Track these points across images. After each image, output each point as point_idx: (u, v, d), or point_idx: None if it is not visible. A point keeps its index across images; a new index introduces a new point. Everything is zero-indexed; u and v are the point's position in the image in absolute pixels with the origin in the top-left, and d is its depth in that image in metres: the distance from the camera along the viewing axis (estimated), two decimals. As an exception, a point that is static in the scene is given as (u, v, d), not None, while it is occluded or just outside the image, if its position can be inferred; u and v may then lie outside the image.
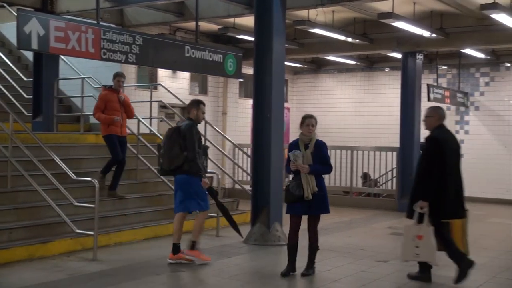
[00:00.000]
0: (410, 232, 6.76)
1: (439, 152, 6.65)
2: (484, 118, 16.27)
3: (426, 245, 6.67)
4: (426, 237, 6.65)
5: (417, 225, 6.70)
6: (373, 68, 17.88)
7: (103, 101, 9.69)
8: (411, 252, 6.78)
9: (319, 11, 12.22)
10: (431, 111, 7.06)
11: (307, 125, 7.07)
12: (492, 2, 9.90)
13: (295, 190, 6.84)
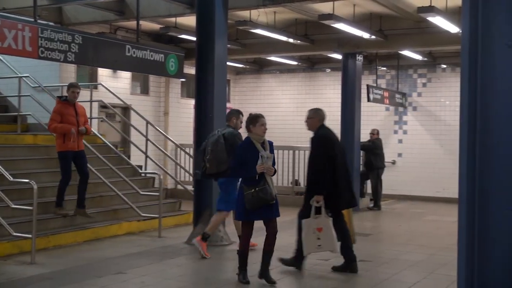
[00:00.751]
0: (310, 226, 7.14)
1: (328, 148, 7.25)
2: (422, 118, 16.68)
3: (326, 236, 7.09)
4: (325, 228, 7.09)
5: (315, 218, 7.10)
6: (314, 69, 18.08)
7: (58, 114, 9.15)
8: (313, 244, 7.16)
9: (261, 12, 12.28)
10: (312, 113, 7.79)
11: (262, 124, 6.71)
12: (428, 5, 10.16)
13: (268, 196, 6.49)
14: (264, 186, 6.49)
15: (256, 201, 6.49)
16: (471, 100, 2.92)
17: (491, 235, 2.91)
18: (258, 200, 6.49)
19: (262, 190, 6.47)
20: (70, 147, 9.15)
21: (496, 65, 2.90)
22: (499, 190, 2.89)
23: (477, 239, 2.94)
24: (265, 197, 6.48)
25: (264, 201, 6.50)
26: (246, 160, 6.57)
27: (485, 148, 2.91)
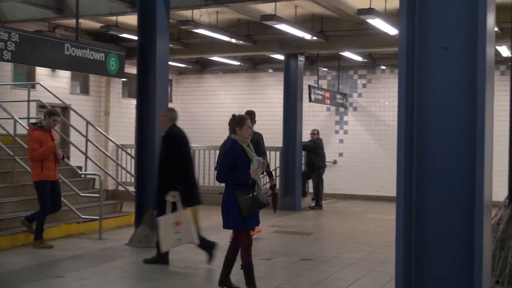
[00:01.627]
0: (167, 221, 7.30)
1: (182, 147, 7.56)
2: (362, 119, 16.96)
3: (185, 229, 7.29)
4: (184, 222, 7.29)
5: (172, 213, 7.28)
6: (256, 69, 18.14)
7: (37, 142, 8.78)
8: (172, 239, 7.34)
9: (203, 12, 12.24)
10: (164, 112, 7.98)
11: (248, 127, 6.35)
12: (368, 7, 10.33)
13: (264, 200, 6.21)
14: (259, 191, 6.19)
15: (254, 207, 6.15)
16: (408, 101, 2.99)
17: (427, 232, 2.98)
18: (257, 206, 6.17)
19: (260, 194, 6.18)
20: (47, 177, 8.85)
21: (432, 66, 2.98)
22: (434, 189, 2.96)
23: (414, 236, 3.01)
24: (263, 202, 6.20)
25: (261, 206, 6.21)
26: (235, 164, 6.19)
27: (421, 147, 2.98)
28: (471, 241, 2.88)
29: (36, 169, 8.85)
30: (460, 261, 2.92)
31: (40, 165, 8.80)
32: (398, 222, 3.00)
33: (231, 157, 6.18)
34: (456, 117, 2.92)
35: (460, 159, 2.91)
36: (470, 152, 2.88)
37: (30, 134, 9.03)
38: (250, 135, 6.34)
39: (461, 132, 2.91)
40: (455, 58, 2.92)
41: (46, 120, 9.00)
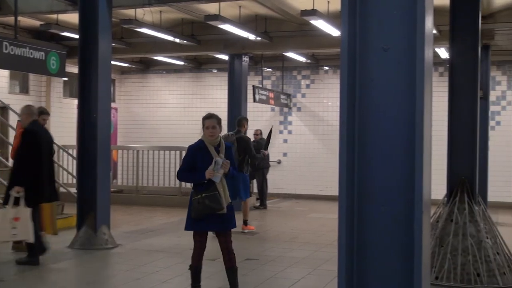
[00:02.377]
0: (7, 215, 7.27)
1: (34, 143, 7.55)
2: (306, 119, 17.13)
3: (23, 226, 7.28)
4: (23, 218, 7.27)
5: (13, 208, 7.27)
6: (201, 69, 18.09)
7: None
8: (8, 233, 7.30)
9: (146, 11, 12.12)
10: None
11: (207, 127, 5.94)
12: (311, 9, 10.43)
13: (216, 204, 5.74)
14: (213, 193, 5.76)
15: (201, 209, 5.76)
16: (350, 101, 3.03)
17: (369, 230, 3.03)
18: (204, 208, 5.75)
19: (209, 197, 5.74)
20: None
21: (373, 68, 3.03)
22: (376, 188, 3.01)
23: (356, 235, 3.05)
24: (211, 205, 5.74)
25: (210, 209, 5.74)
26: (196, 163, 5.89)
27: (362, 147, 3.03)
28: (411, 238, 2.95)
29: None
30: (400, 258, 2.98)
31: None
32: (340, 221, 3.04)
33: (189, 156, 5.98)
34: (396, 117, 2.98)
35: (400, 158, 2.97)
36: (410, 152, 2.95)
37: (18, 132, 8.59)
38: (212, 136, 5.91)
39: (401, 131, 2.97)
40: (395, 60, 2.98)
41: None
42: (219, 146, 5.97)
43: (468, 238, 7.07)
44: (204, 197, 5.74)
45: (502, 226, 10.98)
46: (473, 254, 6.98)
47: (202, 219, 5.79)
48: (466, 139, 7.54)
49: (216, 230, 5.96)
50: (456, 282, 6.91)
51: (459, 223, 7.18)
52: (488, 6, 11.62)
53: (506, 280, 6.96)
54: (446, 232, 7.22)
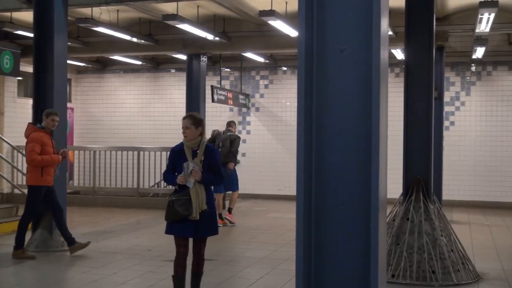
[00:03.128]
0: None
1: None
2: (264, 119, 17.17)
3: None
4: None
5: None
6: (159, 69, 17.97)
7: (39, 144, 8.14)
8: None
9: (103, 10, 11.98)
10: None
11: (182, 127, 5.66)
12: (269, 9, 10.47)
13: (183, 209, 5.49)
14: (182, 197, 5.51)
15: (171, 214, 5.56)
16: (307, 101, 3.05)
17: (326, 229, 3.06)
18: (172, 212, 5.55)
19: (179, 201, 5.51)
20: (46, 182, 8.25)
21: (330, 68, 3.06)
22: (332, 188, 3.04)
23: (314, 234, 3.08)
24: (179, 210, 5.50)
25: (178, 215, 5.51)
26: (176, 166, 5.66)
27: (320, 147, 3.06)
28: (367, 237, 2.98)
29: (36, 173, 8.22)
30: (357, 256, 3.01)
31: (40, 169, 8.21)
32: (298, 221, 3.06)
33: (169, 158, 5.80)
34: (352, 117, 3.01)
35: (356, 158, 3.01)
36: (366, 151, 2.98)
37: (30, 135, 8.31)
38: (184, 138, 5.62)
39: (357, 132, 3.00)
40: (352, 61, 3.01)
41: (44, 120, 8.34)
42: (197, 149, 5.62)
43: (423, 236, 7.20)
44: (174, 201, 5.54)
45: (457, 224, 11.23)
46: (429, 252, 7.11)
47: (177, 222, 5.56)
48: (421, 139, 7.67)
49: (189, 236, 5.66)
50: (412, 279, 7.03)
51: (415, 221, 7.30)
52: (442, 9, 11.86)
53: (460, 277, 7.11)
54: (402, 230, 7.34)
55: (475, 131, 15.55)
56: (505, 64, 15.39)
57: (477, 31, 10.86)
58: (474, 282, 7.14)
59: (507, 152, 15.27)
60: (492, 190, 15.28)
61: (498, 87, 15.42)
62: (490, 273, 7.59)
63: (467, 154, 15.57)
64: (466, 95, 15.64)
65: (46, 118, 8.33)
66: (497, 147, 15.35)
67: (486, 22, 10.20)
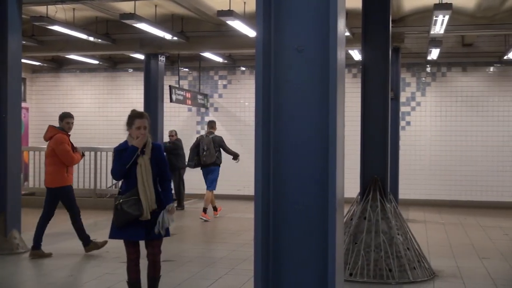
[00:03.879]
0: None
1: None
2: (223, 119, 17.14)
3: None
4: None
5: None
6: (116, 69, 17.77)
7: (68, 145, 8.48)
8: None
9: (59, 8, 11.77)
10: None
11: (138, 127, 5.43)
12: (228, 9, 10.46)
13: (133, 209, 5.24)
14: (131, 198, 5.26)
15: (119, 216, 5.28)
16: (265, 101, 3.06)
17: (284, 229, 3.07)
18: (122, 215, 5.26)
19: (127, 202, 5.26)
20: (71, 180, 8.46)
21: (288, 68, 3.07)
22: (291, 187, 3.06)
23: (272, 234, 3.09)
24: (129, 211, 5.24)
25: (129, 216, 5.24)
26: None
27: (278, 147, 3.07)
28: (325, 236, 3.01)
29: (61, 174, 8.34)
30: (314, 255, 3.03)
31: (65, 169, 8.35)
32: (256, 221, 3.06)
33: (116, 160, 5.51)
34: (310, 117, 3.03)
35: (314, 157, 3.03)
36: (323, 151, 3.00)
37: (57, 137, 8.40)
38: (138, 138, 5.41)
39: (315, 131, 3.02)
40: (309, 60, 3.03)
41: (60, 123, 8.57)
42: (145, 147, 5.45)
43: (380, 235, 7.29)
44: (122, 202, 5.26)
45: (413, 223, 11.41)
46: (385, 250, 7.20)
47: (126, 226, 5.29)
48: (378, 138, 7.77)
49: (141, 239, 5.42)
50: (370, 278, 7.11)
51: (372, 220, 7.39)
52: (398, 10, 12.04)
53: (416, 274, 7.22)
54: (360, 229, 7.42)
55: (430, 131, 15.82)
56: (459, 65, 15.70)
57: (432, 32, 11.05)
58: (429, 279, 7.27)
59: (461, 152, 15.59)
60: (447, 189, 15.58)
61: (452, 88, 15.73)
62: (445, 271, 7.74)
63: (422, 154, 15.84)
64: (422, 96, 15.91)
65: (61, 121, 8.59)
66: (452, 146, 15.66)
67: (441, 24, 10.39)
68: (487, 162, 15.43)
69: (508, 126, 15.38)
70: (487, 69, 15.61)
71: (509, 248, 9.50)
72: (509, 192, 15.27)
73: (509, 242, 10.09)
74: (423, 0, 11.36)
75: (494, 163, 15.40)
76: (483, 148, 15.48)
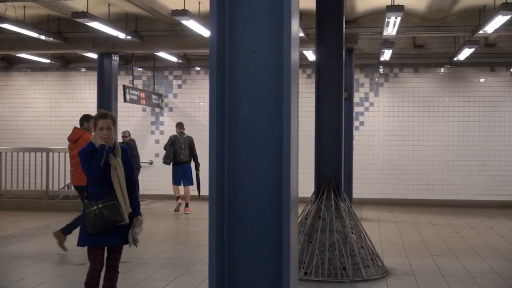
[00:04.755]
0: None
1: None
2: (178, 119, 16.99)
3: None
4: None
5: None
6: (68, 68, 17.48)
7: None
8: None
9: (8, 6, 11.53)
10: None
11: (101, 128, 5.15)
12: (182, 9, 10.41)
13: (115, 214, 5.05)
14: (112, 202, 5.04)
15: (100, 222, 5.01)
16: (220, 102, 3.05)
17: (239, 229, 3.07)
18: (104, 220, 5.01)
19: (108, 207, 5.03)
20: None
21: (242, 69, 3.07)
22: (245, 187, 3.06)
23: (227, 234, 3.08)
24: (111, 217, 5.02)
25: (111, 221, 5.03)
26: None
27: (232, 147, 3.07)
28: (279, 236, 3.02)
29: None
30: (269, 255, 3.04)
31: None
32: (211, 221, 3.06)
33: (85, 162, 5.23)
34: (264, 117, 3.03)
35: (268, 157, 3.03)
36: (278, 151, 3.01)
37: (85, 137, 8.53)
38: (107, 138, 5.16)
39: (269, 131, 3.03)
40: (263, 61, 3.04)
41: (85, 124, 8.83)
42: (114, 149, 5.21)
43: (334, 234, 7.37)
44: (102, 207, 5.00)
45: (366, 222, 11.57)
46: (339, 249, 7.28)
47: (100, 232, 5.05)
48: (332, 138, 7.85)
49: (114, 244, 5.21)
50: (324, 276, 7.18)
51: (326, 219, 7.46)
52: (352, 12, 12.18)
53: (369, 272, 7.32)
54: (314, 228, 7.48)
55: (383, 131, 16.06)
56: (411, 66, 15.98)
57: (384, 34, 11.22)
58: (382, 277, 7.37)
59: (413, 151, 15.87)
60: (400, 188, 15.85)
61: (405, 88, 16.00)
62: (397, 268, 7.87)
63: (375, 153, 16.06)
64: (375, 96, 16.14)
65: (87, 122, 8.77)
66: (404, 146, 15.93)
67: (393, 26, 10.56)
68: (438, 161, 15.75)
69: (458, 126, 15.73)
70: (438, 70, 15.93)
71: (459, 245, 9.72)
72: (460, 190, 15.63)
73: (459, 239, 10.32)
74: (376, 2, 11.52)
75: (444, 162, 15.73)
76: (434, 148, 15.80)
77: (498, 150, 15.57)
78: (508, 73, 15.60)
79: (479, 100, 15.66)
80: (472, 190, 15.57)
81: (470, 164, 15.65)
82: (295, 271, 3.17)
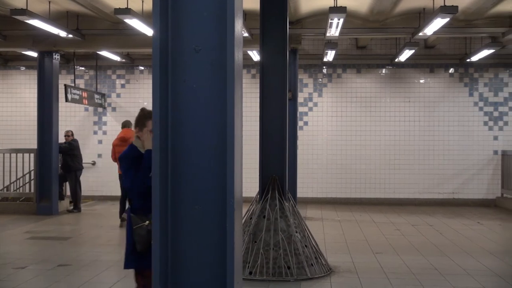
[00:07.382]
0: None
1: None
2: (121, 119, 16.71)
3: None
4: None
5: None
6: (7, 66, 17.01)
7: None
8: None
9: None
10: None
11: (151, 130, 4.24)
12: (125, 7, 10.27)
13: None
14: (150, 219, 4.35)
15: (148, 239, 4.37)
16: (163, 101, 3.03)
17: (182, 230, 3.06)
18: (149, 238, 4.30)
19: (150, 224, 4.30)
20: None
21: (186, 68, 3.06)
22: (188, 188, 3.05)
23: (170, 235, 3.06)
24: None
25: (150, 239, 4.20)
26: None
27: (175, 147, 3.05)
28: (223, 236, 3.02)
29: None
30: (213, 254, 3.03)
31: None
32: (154, 221, 3.03)
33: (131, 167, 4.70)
34: (208, 117, 3.03)
35: (212, 157, 3.03)
36: (222, 151, 3.02)
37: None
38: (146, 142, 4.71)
39: (213, 131, 3.03)
40: (207, 61, 3.03)
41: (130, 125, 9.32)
42: None
43: (279, 233, 7.41)
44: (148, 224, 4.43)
45: (310, 221, 11.68)
46: (284, 248, 7.33)
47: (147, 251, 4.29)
48: (277, 138, 7.89)
49: None
50: (269, 276, 7.21)
51: (271, 219, 7.49)
52: (296, 13, 12.28)
53: (313, 271, 7.39)
54: (259, 228, 7.51)
55: (327, 130, 16.25)
56: (354, 67, 16.22)
57: (327, 35, 11.35)
58: (326, 275, 7.46)
59: (355, 151, 16.12)
60: (343, 187, 16.07)
61: (348, 89, 16.23)
62: (341, 266, 7.97)
63: (319, 153, 16.23)
64: (319, 96, 16.31)
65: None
66: (347, 145, 16.16)
67: (336, 27, 10.69)
68: (380, 160, 16.04)
69: (399, 126, 16.06)
70: (380, 71, 16.22)
71: (400, 242, 9.92)
72: (401, 189, 15.95)
73: (400, 237, 10.54)
74: (319, 3, 11.65)
75: (386, 162, 16.03)
76: (376, 147, 16.08)
77: (438, 149, 15.97)
78: (447, 74, 16.03)
79: (419, 101, 16.03)
80: (413, 189, 15.93)
81: (411, 163, 16.00)
82: (239, 271, 3.17)
